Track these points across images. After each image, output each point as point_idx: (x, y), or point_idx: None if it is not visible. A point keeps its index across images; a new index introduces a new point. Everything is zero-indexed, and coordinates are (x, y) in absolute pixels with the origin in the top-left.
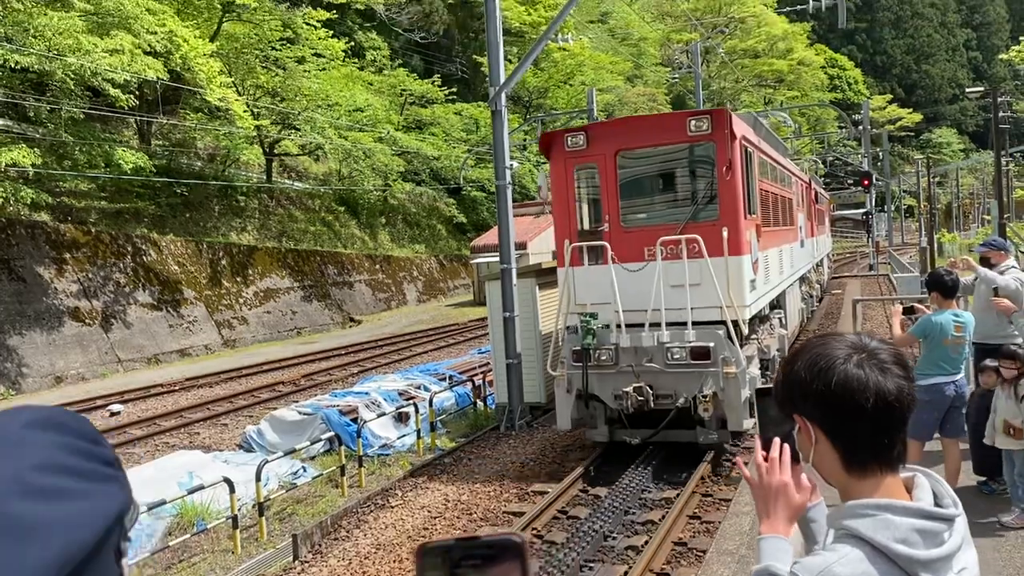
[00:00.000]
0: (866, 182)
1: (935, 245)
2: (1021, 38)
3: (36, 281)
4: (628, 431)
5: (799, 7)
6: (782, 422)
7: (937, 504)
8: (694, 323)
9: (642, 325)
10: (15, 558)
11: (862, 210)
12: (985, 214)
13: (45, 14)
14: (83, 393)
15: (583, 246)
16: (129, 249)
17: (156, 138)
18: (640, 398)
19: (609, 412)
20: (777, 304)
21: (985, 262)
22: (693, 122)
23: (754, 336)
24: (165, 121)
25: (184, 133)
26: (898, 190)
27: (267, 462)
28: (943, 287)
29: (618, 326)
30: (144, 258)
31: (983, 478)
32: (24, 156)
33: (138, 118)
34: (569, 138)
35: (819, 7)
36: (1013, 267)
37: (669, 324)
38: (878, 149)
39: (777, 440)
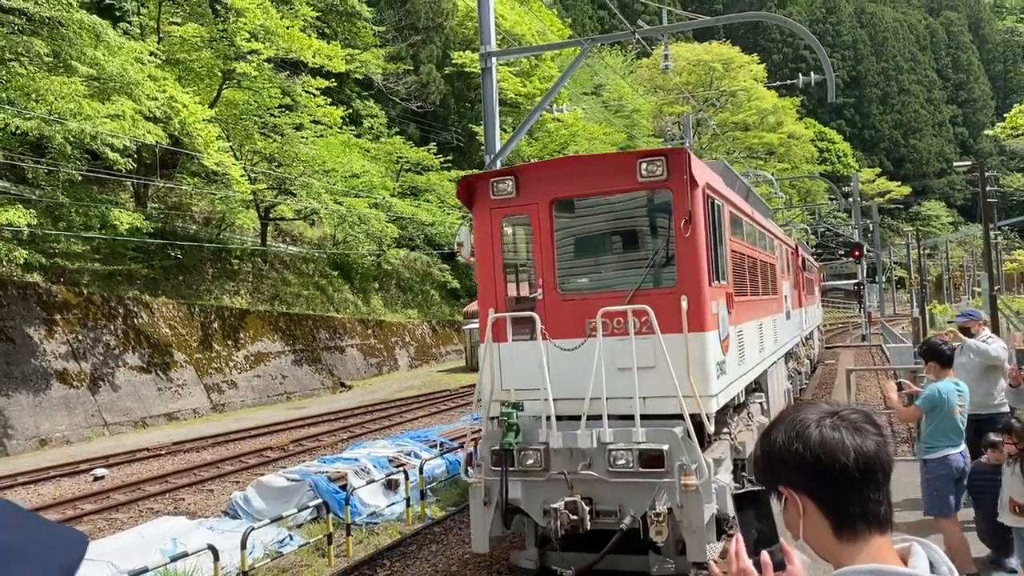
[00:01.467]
0: (857, 253)
1: (927, 316)
2: (1006, 115)
3: (25, 342)
4: (561, 556)
5: (789, 82)
6: (766, 533)
7: (933, 572)
8: (645, 417)
9: (579, 418)
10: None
11: (853, 281)
12: (975, 286)
13: (47, 78)
14: (66, 457)
15: (508, 317)
16: (120, 311)
17: (152, 201)
18: (573, 517)
19: (541, 529)
20: (757, 386)
21: (966, 332)
22: (644, 165)
23: (725, 431)
24: (162, 184)
25: (180, 196)
26: (889, 261)
27: (253, 529)
28: (942, 356)
29: (549, 419)
30: (135, 320)
31: (992, 555)
32: (20, 217)
33: (135, 181)
34: (495, 183)
35: (808, 82)
36: (991, 336)
37: (613, 418)
38: (868, 221)
39: (739, 536)
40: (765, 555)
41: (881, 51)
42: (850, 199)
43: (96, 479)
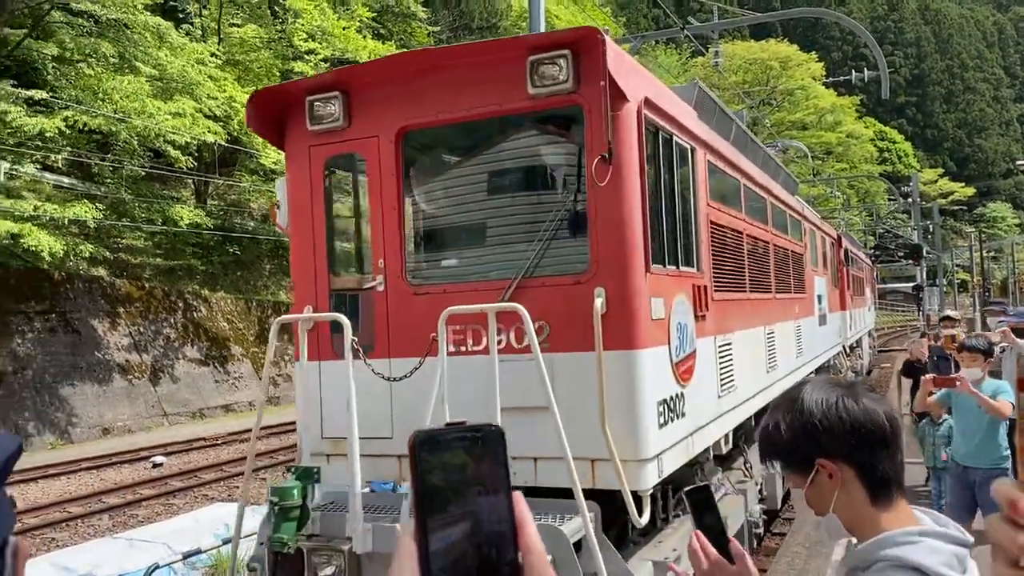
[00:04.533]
0: (917, 255)
1: (987, 319)
2: None
3: (90, 334)
4: None
5: (843, 78)
6: (716, 526)
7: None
8: (537, 493)
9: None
10: None
11: (912, 283)
12: None
13: (113, 78)
14: (128, 445)
15: (300, 321)
16: (180, 305)
17: (212, 198)
18: None
19: None
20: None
21: (1018, 334)
22: (540, 66)
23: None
24: (221, 182)
25: (239, 194)
26: (950, 264)
27: None
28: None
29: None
30: (194, 314)
31: None
32: (86, 211)
33: (196, 178)
34: (315, 104)
35: (862, 78)
36: None
37: None
38: (929, 223)
39: (697, 532)
40: (737, 544)
41: (946, 48)
42: (910, 200)
43: (155, 466)
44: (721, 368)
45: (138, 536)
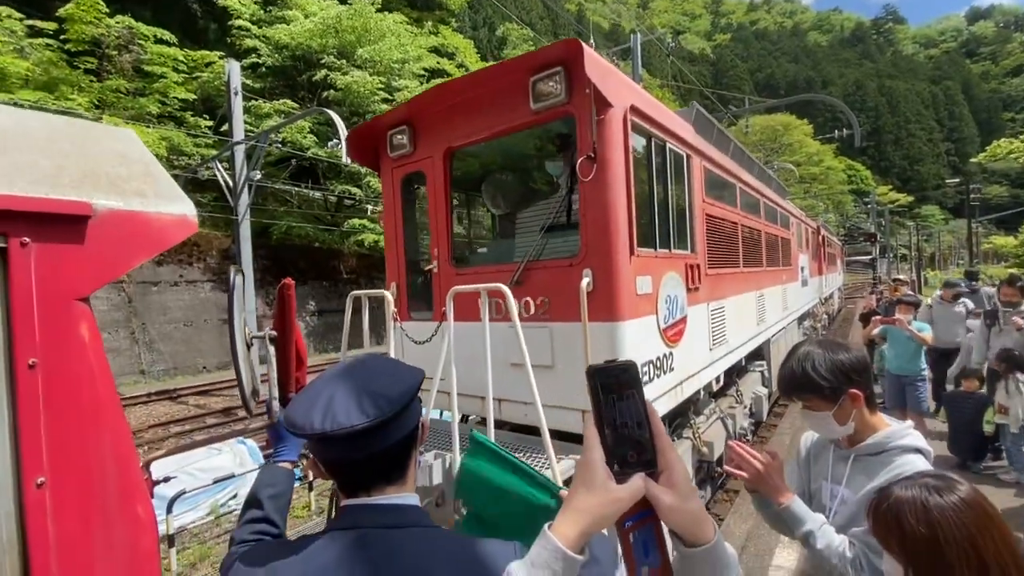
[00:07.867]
0: (873, 238)
1: (921, 279)
2: (987, 147)
3: None
4: None
5: (828, 136)
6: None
7: None
8: (531, 431)
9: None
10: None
11: (869, 256)
12: (959, 260)
13: None
14: None
15: (364, 297)
16: None
17: None
18: None
19: None
20: (760, 354)
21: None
22: (539, 84)
23: (688, 427)
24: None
25: None
26: (896, 245)
27: None
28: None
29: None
30: None
31: (959, 461)
32: None
33: None
34: (393, 136)
35: (842, 135)
36: (964, 299)
37: (509, 429)
38: (881, 219)
39: (733, 442)
40: (773, 452)
41: (895, 110)
42: (869, 205)
43: None
44: (713, 326)
45: None
